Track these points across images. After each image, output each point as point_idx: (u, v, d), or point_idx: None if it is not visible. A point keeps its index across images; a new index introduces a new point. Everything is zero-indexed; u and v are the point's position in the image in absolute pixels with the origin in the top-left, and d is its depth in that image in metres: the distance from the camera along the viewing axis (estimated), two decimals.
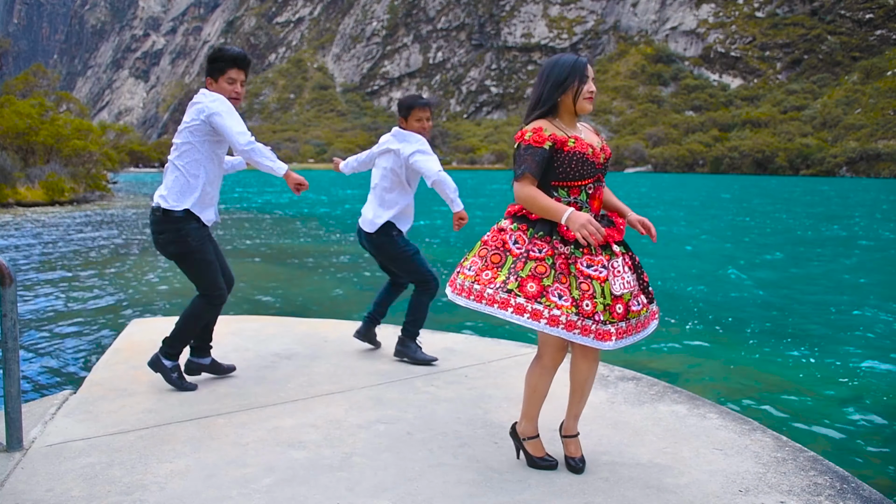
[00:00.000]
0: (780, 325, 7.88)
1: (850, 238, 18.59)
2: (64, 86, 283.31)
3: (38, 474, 2.51)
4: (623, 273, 2.39)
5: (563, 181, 2.42)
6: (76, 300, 8.66)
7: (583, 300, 2.31)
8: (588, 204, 2.47)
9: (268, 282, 10.37)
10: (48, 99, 36.70)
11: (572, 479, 2.55)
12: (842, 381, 5.75)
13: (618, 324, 2.35)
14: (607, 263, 2.36)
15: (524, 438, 2.66)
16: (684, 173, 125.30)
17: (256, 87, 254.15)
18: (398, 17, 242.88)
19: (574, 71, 2.44)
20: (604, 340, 2.31)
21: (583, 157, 2.39)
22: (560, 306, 2.30)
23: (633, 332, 2.42)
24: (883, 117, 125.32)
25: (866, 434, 4.64)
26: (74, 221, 20.57)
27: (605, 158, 2.51)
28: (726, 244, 16.62)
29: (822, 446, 4.26)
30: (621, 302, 2.35)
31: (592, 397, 3.40)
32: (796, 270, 12.52)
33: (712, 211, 29.49)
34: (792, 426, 4.63)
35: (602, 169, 2.49)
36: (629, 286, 2.39)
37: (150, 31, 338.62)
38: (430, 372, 3.83)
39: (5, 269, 2.60)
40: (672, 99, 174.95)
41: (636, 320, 2.42)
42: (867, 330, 7.71)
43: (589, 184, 2.45)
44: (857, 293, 10.12)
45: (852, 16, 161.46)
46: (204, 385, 3.54)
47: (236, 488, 2.43)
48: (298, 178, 3.34)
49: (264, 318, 5.18)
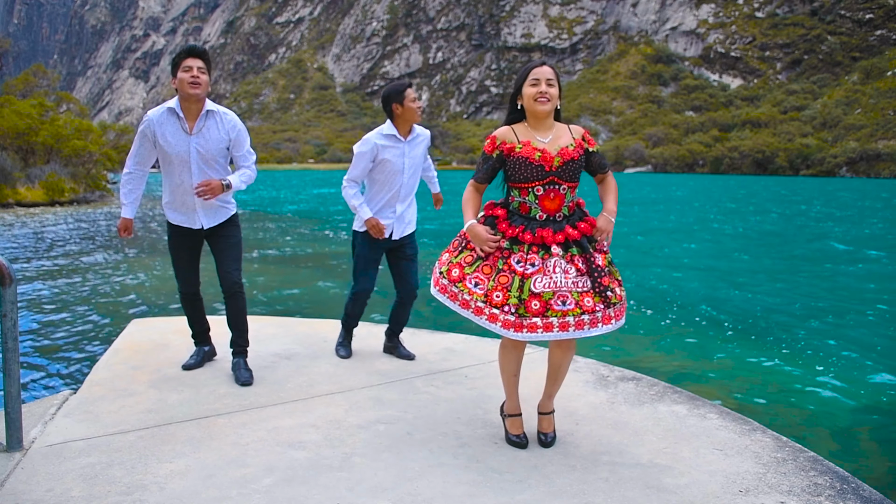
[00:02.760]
0: (780, 325, 7.87)
1: (853, 239, 18.59)
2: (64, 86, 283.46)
3: (38, 474, 2.51)
4: (553, 273, 2.54)
5: (514, 182, 2.67)
6: (76, 300, 8.66)
7: (494, 291, 2.57)
8: (538, 204, 2.64)
9: (267, 282, 10.37)
10: (48, 99, 36.69)
11: (572, 478, 2.55)
12: (842, 381, 5.75)
13: (531, 318, 2.51)
14: (539, 262, 2.55)
15: (504, 415, 2.89)
16: (684, 173, 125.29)
17: (256, 87, 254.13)
18: (398, 18, 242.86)
19: (521, 76, 2.68)
20: (508, 329, 2.53)
21: (525, 162, 2.60)
22: (472, 292, 2.61)
23: (557, 330, 2.53)
24: (883, 117, 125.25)
25: (866, 434, 4.64)
26: (74, 222, 20.57)
27: (563, 162, 2.60)
28: (726, 244, 16.62)
29: (822, 446, 4.25)
30: (539, 299, 2.51)
31: (592, 397, 3.41)
32: (796, 271, 12.52)
33: (712, 211, 29.49)
34: (792, 426, 4.63)
35: (557, 172, 2.60)
36: (554, 286, 2.53)
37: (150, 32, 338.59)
38: (430, 372, 3.84)
39: (5, 269, 2.60)
40: (672, 99, 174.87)
41: (558, 319, 2.52)
42: (867, 330, 7.71)
43: (537, 186, 2.62)
44: (858, 294, 10.12)
45: (852, 16, 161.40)
46: (204, 385, 3.54)
47: (236, 488, 2.43)
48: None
49: (264, 318, 5.18)
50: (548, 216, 2.63)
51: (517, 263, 2.57)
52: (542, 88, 2.61)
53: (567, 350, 2.74)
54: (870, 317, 8.46)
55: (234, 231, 3.71)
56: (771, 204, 35.80)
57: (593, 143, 2.75)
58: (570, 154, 2.63)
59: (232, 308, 3.70)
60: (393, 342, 4.18)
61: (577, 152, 2.65)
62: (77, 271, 11.07)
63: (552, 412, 2.88)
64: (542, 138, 2.65)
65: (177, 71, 3.42)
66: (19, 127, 28.47)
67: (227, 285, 3.65)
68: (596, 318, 2.56)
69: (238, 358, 3.72)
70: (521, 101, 2.69)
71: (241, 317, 3.72)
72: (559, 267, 2.55)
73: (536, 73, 2.63)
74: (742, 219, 25.19)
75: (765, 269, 12.66)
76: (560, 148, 2.63)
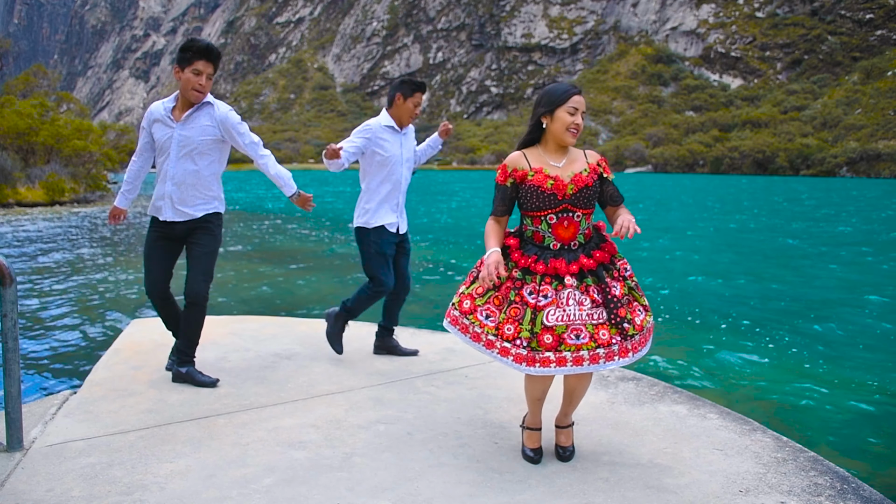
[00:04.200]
0: (780, 325, 7.87)
1: (854, 239, 18.58)
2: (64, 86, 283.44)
3: (39, 474, 2.51)
4: (566, 305, 2.44)
5: (527, 211, 2.59)
6: (76, 300, 8.66)
7: (505, 323, 2.48)
8: (551, 233, 2.54)
9: (267, 282, 10.37)
10: (48, 99, 36.67)
11: (572, 479, 2.55)
12: (842, 381, 5.74)
13: (543, 352, 2.41)
14: (552, 293, 2.45)
15: (523, 427, 2.80)
16: (684, 173, 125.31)
17: (256, 87, 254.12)
18: (398, 18, 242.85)
19: (557, 97, 2.54)
20: (521, 364, 2.43)
21: (537, 191, 2.52)
22: (483, 325, 2.53)
23: (571, 364, 2.42)
24: (883, 117, 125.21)
25: (866, 434, 4.63)
26: (75, 221, 20.57)
27: (577, 189, 2.51)
28: (727, 243, 16.62)
29: (822, 446, 4.25)
30: (551, 333, 2.41)
31: (592, 397, 3.41)
32: (797, 271, 12.52)
33: (713, 211, 29.49)
34: (792, 426, 4.63)
35: (570, 200, 2.51)
36: (567, 319, 2.43)
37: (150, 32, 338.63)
38: (430, 372, 3.84)
39: (5, 269, 2.60)
40: (672, 99, 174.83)
41: (572, 353, 2.42)
42: (868, 330, 7.71)
43: (549, 214, 2.53)
44: (858, 294, 10.12)
45: (852, 16, 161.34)
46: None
47: (236, 488, 2.43)
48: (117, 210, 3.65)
49: (264, 318, 5.18)
50: (562, 245, 2.54)
51: (529, 295, 2.47)
52: (578, 120, 2.52)
53: (582, 378, 2.64)
54: (870, 316, 8.46)
55: (208, 240, 3.51)
56: (771, 204, 35.79)
57: (608, 171, 2.64)
58: (584, 180, 2.53)
59: (188, 316, 3.50)
60: (389, 342, 4.17)
61: (591, 178, 2.55)
62: (77, 271, 11.07)
63: (570, 426, 2.79)
64: (556, 163, 2.56)
65: (185, 66, 3.32)
66: (19, 127, 28.47)
67: (189, 294, 3.47)
68: (612, 351, 2.45)
69: (188, 367, 3.53)
70: (546, 121, 2.56)
71: (195, 329, 3.52)
72: (573, 299, 2.45)
73: (576, 102, 2.52)
74: (742, 218, 25.19)
75: (765, 269, 12.66)
76: (574, 174, 2.53)
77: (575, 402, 2.72)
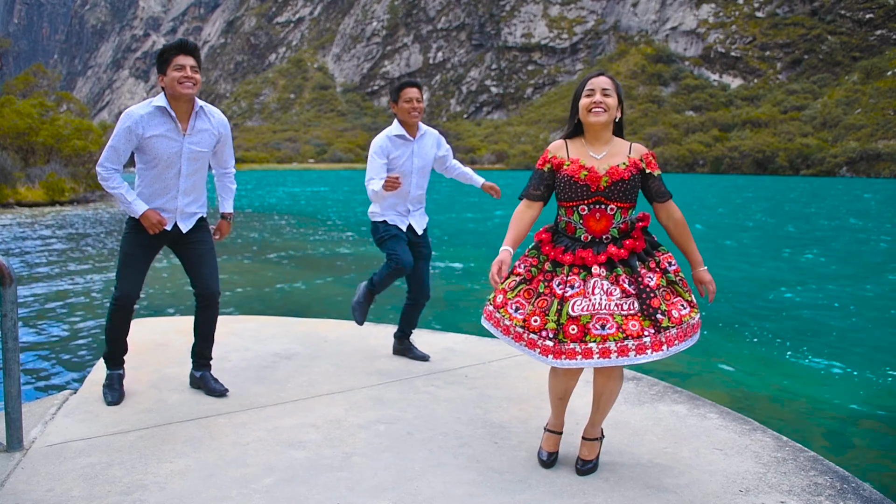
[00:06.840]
0: (780, 325, 7.87)
1: (854, 239, 18.58)
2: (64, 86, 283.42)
3: (39, 474, 2.51)
4: (592, 295, 2.37)
5: (561, 201, 2.54)
6: (76, 300, 8.66)
7: (532, 315, 2.44)
8: (583, 225, 2.49)
9: (267, 281, 10.37)
10: (48, 99, 36.72)
11: (572, 479, 2.55)
12: (842, 381, 5.75)
13: (569, 344, 2.34)
14: (580, 283, 2.41)
15: (544, 428, 2.77)
16: (684, 173, 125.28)
17: (256, 87, 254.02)
18: (398, 17, 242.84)
19: (578, 89, 2.56)
20: (547, 356, 2.38)
21: (570, 180, 2.47)
22: (512, 317, 2.50)
23: (598, 357, 2.33)
24: (883, 117, 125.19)
25: (866, 434, 4.63)
26: (75, 221, 20.57)
27: (611, 182, 2.44)
28: (727, 243, 16.62)
29: (822, 446, 4.25)
30: (577, 323, 2.34)
31: (592, 397, 3.39)
32: (797, 271, 12.52)
33: (716, 209, 29.48)
34: (792, 426, 4.63)
35: (604, 192, 2.45)
36: (593, 308, 2.36)
37: (150, 32, 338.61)
38: (430, 372, 3.84)
39: (5, 269, 2.60)
40: (672, 99, 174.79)
41: (598, 344, 2.33)
42: (868, 330, 7.71)
43: (582, 205, 2.48)
44: (858, 294, 10.12)
45: (852, 16, 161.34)
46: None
47: (236, 488, 2.43)
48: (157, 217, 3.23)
49: (264, 318, 5.18)
50: (593, 237, 2.48)
51: (557, 286, 2.42)
52: (596, 98, 2.47)
53: (609, 378, 2.52)
54: (870, 316, 8.46)
55: (206, 237, 3.45)
56: (771, 204, 35.79)
57: (654, 166, 2.54)
58: (621, 173, 2.45)
59: (207, 318, 3.43)
60: (405, 344, 4.15)
61: (628, 172, 2.46)
62: (77, 271, 11.07)
63: (596, 439, 2.65)
64: (596, 154, 2.51)
65: (165, 68, 3.17)
66: (19, 127, 28.49)
67: (205, 295, 3.38)
68: (643, 343, 2.32)
69: (204, 371, 3.49)
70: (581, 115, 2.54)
71: (214, 329, 3.48)
72: (600, 288, 2.37)
73: (592, 84, 2.50)
74: (741, 218, 25.19)
75: (765, 269, 12.66)
76: (610, 166, 2.46)
77: (603, 409, 2.61)
